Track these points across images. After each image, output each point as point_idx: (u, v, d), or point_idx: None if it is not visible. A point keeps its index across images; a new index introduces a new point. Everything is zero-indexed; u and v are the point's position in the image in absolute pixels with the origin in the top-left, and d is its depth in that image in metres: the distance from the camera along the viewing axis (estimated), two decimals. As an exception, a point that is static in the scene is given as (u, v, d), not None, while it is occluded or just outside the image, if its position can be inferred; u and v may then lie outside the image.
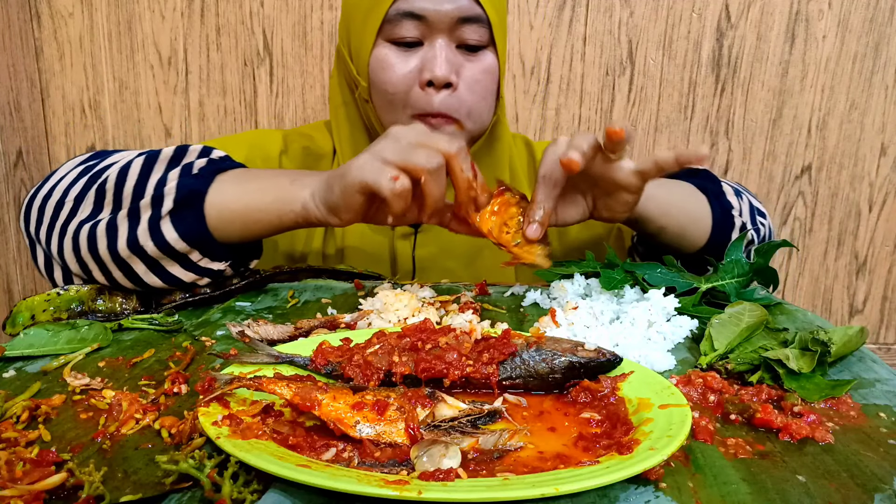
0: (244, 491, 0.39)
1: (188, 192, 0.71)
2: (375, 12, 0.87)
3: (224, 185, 0.73)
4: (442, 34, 0.87)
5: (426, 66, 0.87)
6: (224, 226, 0.73)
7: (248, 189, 0.73)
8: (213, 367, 0.58)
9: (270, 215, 0.73)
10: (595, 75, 1.54)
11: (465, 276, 0.97)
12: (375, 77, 0.89)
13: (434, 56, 0.86)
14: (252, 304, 0.77)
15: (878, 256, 1.65)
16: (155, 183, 0.73)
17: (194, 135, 1.57)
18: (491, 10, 0.88)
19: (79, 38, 1.51)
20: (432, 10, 0.85)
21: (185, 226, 0.72)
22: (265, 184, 0.74)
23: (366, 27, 0.88)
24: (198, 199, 0.72)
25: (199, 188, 0.72)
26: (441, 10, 0.85)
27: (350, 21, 0.92)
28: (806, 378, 0.56)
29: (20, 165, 1.51)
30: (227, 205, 0.72)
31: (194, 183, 0.72)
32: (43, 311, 0.69)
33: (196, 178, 0.73)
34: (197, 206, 0.72)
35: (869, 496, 0.41)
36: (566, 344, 0.55)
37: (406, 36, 0.87)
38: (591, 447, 0.44)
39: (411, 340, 0.55)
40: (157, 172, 0.74)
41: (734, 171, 1.59)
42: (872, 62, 1.53)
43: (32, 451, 0.43)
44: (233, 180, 0.74)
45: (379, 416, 0.45)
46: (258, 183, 0.74)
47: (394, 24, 0.86)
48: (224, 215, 0.72)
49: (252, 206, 0.73)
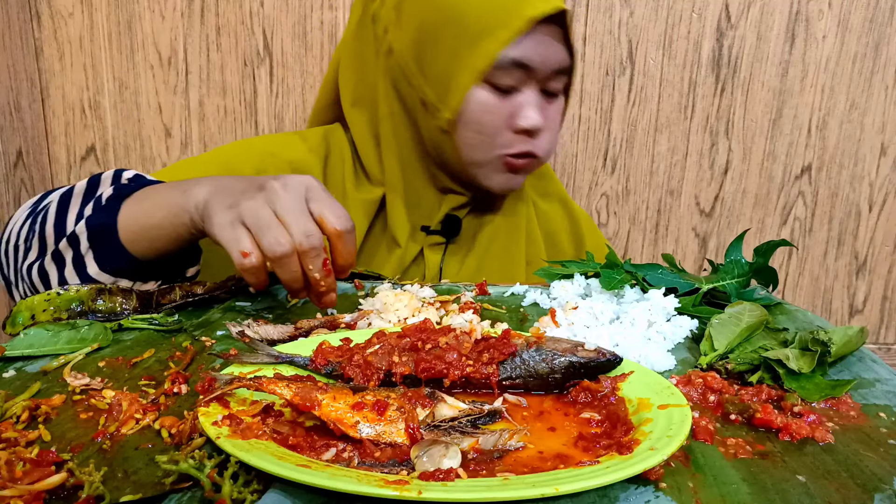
0: (244, 491, 0.39)
1: (97, 228, 0.72)
2: (479, 53, 0.85)
3: (128, 209, 0.73)
4: (538, 83, 0.89)
5: (521, 114, 0.89)
6: (134, 246, 0.73)
7: (144, 208, 0.73)
8: (213, 367, 0.58)
9: (167, 231, 0.72)
10: (595, 75, 1.54)
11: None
12: (471, 117, 0.88)
13: (531, 105, 0.89)
14: (252, 304, 0.77)
15: (878, 256, 1.65)
16: (73, 220, 0.74)
17: (194, 135, 1.57)
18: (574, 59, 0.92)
19: (79, 38, 1.51)
20: (539, 61, 0.87)
21: (106, 260, 0.73)
22: (159, 199, 0.73)
23: (464, 64, 0.86)
24: (109, 232, 0.72)
25: (107, 221, 0.72)
26: (547, 62, 0.88)
27: (431, 44, 0.88)
28: (806, 378, 0.56)
29: (20, 165, 1.51)
30: (130, 227, 0.72)
31: (102, 217, 0.72)
32: (43, 311, 0.69)
33: (104, 210, 0.73)
34: (111, 239, 0.72)
35: (869, 496, 0.41)
36: (566, 344, 0.55)
37: (508, 83, 0.88)
38: (591, 447, 0.44)
39: (411, 340, 0.55)
40: (73, 209, 0.75)
41: (734, 171, 1.59)
42: (872, 62, 1.53)
43: (32, 451, 0.43)
44: (134, 202, 0.73)
45: (379, 416, 0.45)
46: (154, 199, 0.73)
47: (501, 70, 0.86)
48: (130, 237, 0.72)
49: (148, 224, 0.72)
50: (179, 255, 0.77)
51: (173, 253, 0.75)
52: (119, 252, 0.73)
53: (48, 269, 0.75)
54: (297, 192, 0.65)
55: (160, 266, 0.77)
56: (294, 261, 0.64)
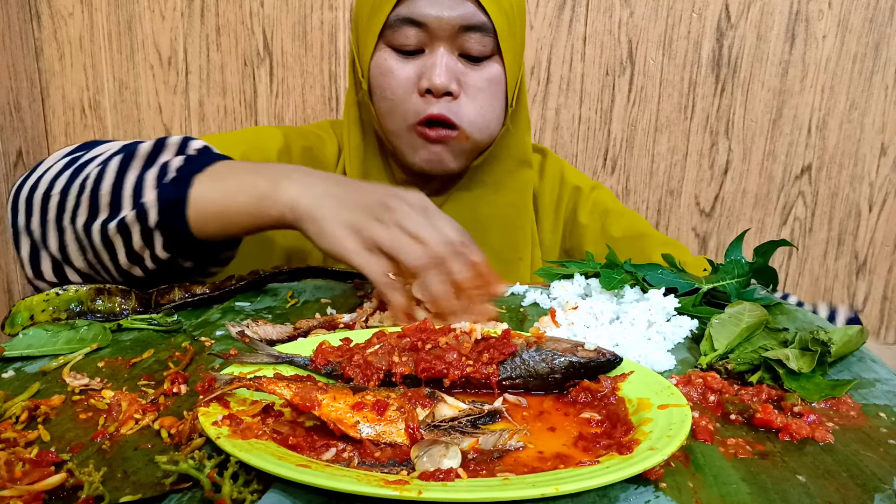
0: (244, 491, 0.39)
1: (168, 203, 0.69)
2: (378, 16, 0.85)
3: (202, 185, 0.70)
4: (443, 42, 0.84)
5: (425, 74, 0.85)
6: (201, 226, 0.70)
7: (223, 189, 0.70)
8: (212, 367, 0.58)
9: (247, 218, 0.70)
10: (595, 75, 1.54)
11: None
12: (375, 82, 0.88)
13: (433, 64, 0.84)
14: (251, 304, 0.77)
15: (878, 256, 1.65)
16: (132, 185, 0.71)
17: (194, 134, 1.56)
18: (499, 18, 0.85)
19: (79, 38, 1.51)
20: (433, 17, 0.83)
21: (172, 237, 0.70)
22: (243, 183, 0.70)
23: (369, 30, 0.87)
24: (179, 208, 0.69)
25: (178, 195, 0.69)
26: (442, 18, 0.83)
27: (357, 22, 0.91)
28: (806, 378, 0.56)
29: (20, 165, 1.51)
30: (206, 206, 0.69)
31: (173, 191, 0.69)
32: (42, 312, 0.69)
33: (174, 183, 0.70)
34: (180, 215, 0.70)
35: (869, 496, 0.41)
36: (566, 344, 0.55)
37: (406, 43, 0.85)
38: (591, 447, 0.44)
39: (411, 340, 0.55)
40: (132, 171, 0.72)
41: (734, 171, 1.59)
42: (872, 62, 1.53)
43: (32, 452, 0.43)
44: (210, 179, 0.70)
45: (379, 416, 0.45)
46: (236, 181, 0.70)
47: (394, 30, 0.85)
48: (202, 217, 0.70)
49: (230, 208, 0.69)
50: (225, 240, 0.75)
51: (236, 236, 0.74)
52: (183, 229, 0.70)
53: (113, 241, 0.71)
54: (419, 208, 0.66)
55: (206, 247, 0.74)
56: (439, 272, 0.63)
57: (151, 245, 0.71)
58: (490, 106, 0.89)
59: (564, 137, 1.57)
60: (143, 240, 0.71)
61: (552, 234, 1.06)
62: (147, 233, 0.71)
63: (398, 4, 0.84)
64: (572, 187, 1.06)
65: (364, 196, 0.68)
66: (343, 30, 1.51)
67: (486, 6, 0.84)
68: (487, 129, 0.90)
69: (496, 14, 0.84)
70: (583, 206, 1.05)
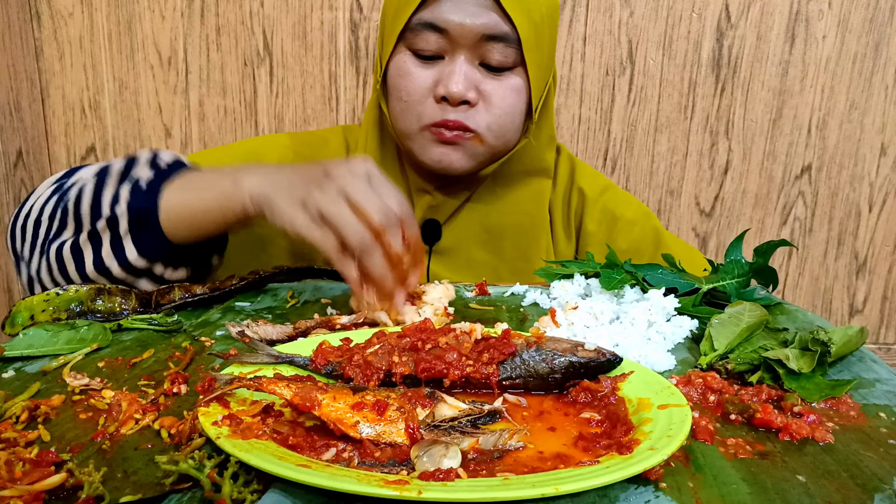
0: (244, 491, 0.39)
1: (139, 212, 0.72)
2: (400, 18, 0.84)
3: (172, 192, 0.73)
4: (464, 50, 0.83)
5: (442, 81, 0.83)
6: (174, 229, 0.73)
7: (191, 194, 0.73)
8: (212, 367, 0.58)
9: (214, 216, 0.73)
10: (595, 75, 1.54)
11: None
12: (392, 83, 0.88)
13: (452, 72, 0.83)
14: (251, 305, 0.77)
15: (878, 256, 1.65)
16: (109, 201, 0.73)
17: (194, 135, 1.57)
18: (526, 29, 0.82)
19: (79, 38, 1.51)
20: (455, 23, 0.81)
21: (144, 245, 0.73)
22: (207, 185, 0.74)
23: (391, 31, 0.86)
24: (150, 217, 0.72)
25: (149, 206, 0.72)
26: (465, 26, 0.81)
27: (383, 21, 0.91)
28: (806, 378, 0.56)
29: (20, 165, 1.51)
30: (177, 210, 0.73)
31: (143, 201, 0.72)
32: (42, 312, 0.69)
33: (146, 194, 0.73)
34: (151, 224, 0.72)
35: (869, 496, 0.41)
36: (566, 344, 0.55)
37: (426, 48, 0.84)
38: (591, 447, 0.44)
39: (411, 340, 0.55)
40: (109, 189, 0.75)
41: (734, 171, 1.59)
42: (872, 62, 1.53)
43: (32, 452, 0.43)
44: (178, 187, 0.74)
45: (379, 416, 0.45)
46: (200, 185, 0.74)
47: (415, 34, 0.84)
48: (173, 221, 0.73)
49: (195, 210, 0.73)
50: (210, 241, 0.78)
51: (210, 238, 0.76)
52: (157, 236, 0.73)
53: (83, 248, 0.74)
54: (362, 176, 0.67)
55: (190, 252, 0.77)
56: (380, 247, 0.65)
57: (121, 253, 0.73)
58: (508, 116, 0.87)
59: (564, 137, 1.57)
60: (112, 248, 0.74)
61: (566, 243, 1.04)
62: (116, 241, 0.73)
63: (421, 8, 0.83)
64: (579, 191, 1.03)
65: (312, 171, 0.69)
66: (343, 30, 1.51)
67: (511, 15, 0.81)
68: (504, 136, 0.88)
69: (523, 24, 0.82)
70: (590, 213, 1.02)
